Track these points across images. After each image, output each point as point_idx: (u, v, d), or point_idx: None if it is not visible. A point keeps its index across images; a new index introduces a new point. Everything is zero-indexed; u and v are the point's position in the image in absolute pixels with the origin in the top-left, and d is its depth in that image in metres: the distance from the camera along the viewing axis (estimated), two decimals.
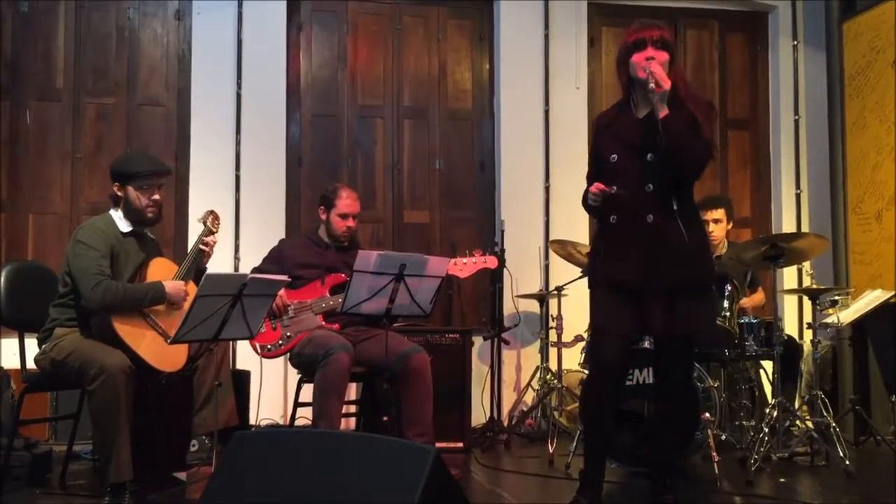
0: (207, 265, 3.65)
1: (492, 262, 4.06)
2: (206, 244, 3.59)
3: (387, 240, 5.53)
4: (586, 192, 3.08)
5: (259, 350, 3.98)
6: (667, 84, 2.91)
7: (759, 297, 4.81)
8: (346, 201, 4.14)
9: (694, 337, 3.14)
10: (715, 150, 3.07)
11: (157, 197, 3.51)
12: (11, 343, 3.78)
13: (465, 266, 3.99)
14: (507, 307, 5.29)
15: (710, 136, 3.00)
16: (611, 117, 3.17)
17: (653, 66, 2.93)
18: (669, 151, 2.93)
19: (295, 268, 4.06)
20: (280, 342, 3.97)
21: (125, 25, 5.34)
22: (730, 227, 4.79)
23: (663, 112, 2.93)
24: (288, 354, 4.05)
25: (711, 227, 4.68)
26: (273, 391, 4.98)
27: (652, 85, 2.91)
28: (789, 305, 5.70)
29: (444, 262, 3.65)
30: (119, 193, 3.51)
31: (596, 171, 3.15)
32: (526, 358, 5.48)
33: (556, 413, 4.90)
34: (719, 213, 4.71)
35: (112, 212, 3.54)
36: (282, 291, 3.91)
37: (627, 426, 3.72)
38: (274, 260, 4.18)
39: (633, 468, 3.80)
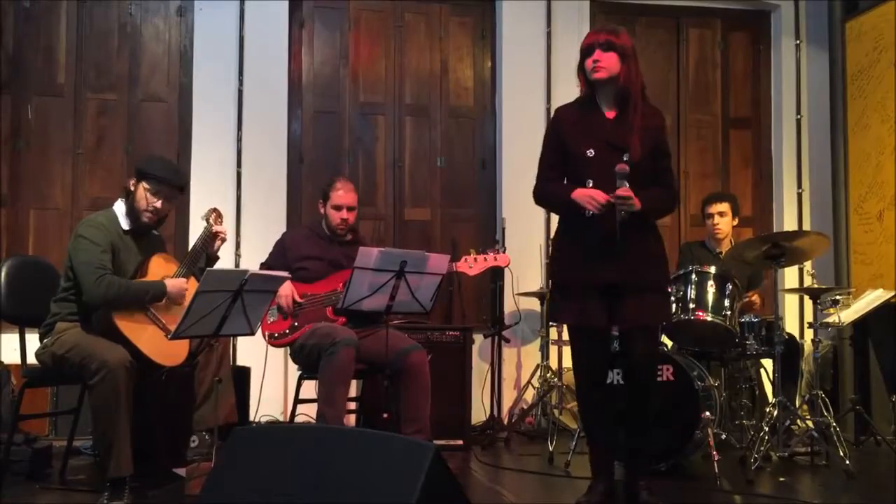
0: (219, 253, 3.67)
1: (503, 259, 4.05)
2: (217, 234, 3.60)
3: (388, 237, 5.53)
4: (548, 187, 3.20)
5: (267, 338, 4.00)
6: (637, 204, 3.02)
7: (754, 298, 4.79)
8: (339, 192, 4.13)
9: (660, 327, 3.37)
10: (676, 183, 3.36)
11: (157, 205, 3.48)
12: (12, 338, 3.78)
13: (476, 264, 3.99)
14: (508, 305, 5.29)
15: (670, 167, 3.24)
16: (578, 113, 3.22)
17: (620, 191, 3.00)
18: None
19: (298, 259, 4.07)
20: (287, 331, 3.99)
21: (127, 21, 5.35)
22: (735, 222, 4.78)
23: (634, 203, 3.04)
24: (289, 349, 4.05)
25: (716, 219, 4.70)
26: (273, 388, 4.98)
27: (623, 212, 3.01)
28: (790, 305, 5.70)
29: (445, 259, 3.65)
30: (131, 188, 3.51)
31: (559, 162, 3.20)
32: (526, 356, 5.48)
33: (556, 411, 4.90)
34: (724, 206, 4.71)
35: (116, 206, 3.54)
36: (290, 293, 3.92)
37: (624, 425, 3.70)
38: (278, 254, 4.18)
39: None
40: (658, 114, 3.25)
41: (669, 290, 3.42)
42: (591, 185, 3.08)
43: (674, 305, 3.99)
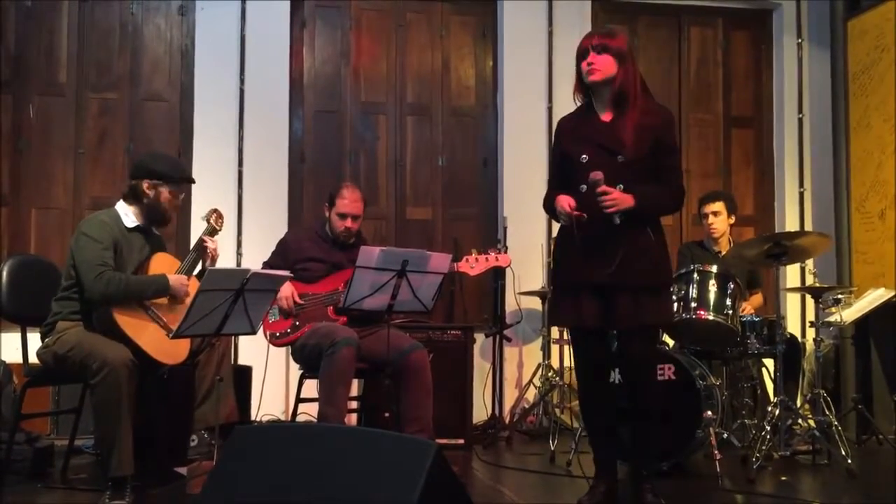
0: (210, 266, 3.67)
1: (504, 259, 4.05)
2: (210, 249, 3.59)
3: (389, 236, 5.53)
4: (549, 197, 3.19)
5: (268, 337, 4.00)
6: (630, 202, 3.01)
7: (757, 299, 4.79)
8: (345, 201, 4.11)
9: (657, 327, 3.31)
10: (682, 181, 3.22)
11: (178, 202, 3.60)
12: (14, 337, 3.78)
13: (478, 264, 3.98)
14: (510, 304, 5.29)
15: (675, 165, 3.19)
16: (575, 121, 3.26)
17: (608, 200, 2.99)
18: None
19: (300, 261, 4.07)
20: (288, 330, 3.98)
21: (128, 20, 5.35)
22: (731, 221, 4.75)
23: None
24: (290, 349, 4.05)
25: (711, 219, 4.68)
26: (275, 387, 4.98)
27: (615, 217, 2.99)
28: (792, 304, 5.70)
29: (446, 258, 3.65)
30: (148, 191, 3.50)
31: (563, 172, 3.22)
32: (528, 355, 5.47)
33: (557, 410, 4.90)
34: (718, 206, 4.69)
35: (119, 206, 3.53)
36: (291, 293, 3.92)
37: (626, 424, 3.70)
38: (280, 254, 4.18)
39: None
40: (661, 110, 3.21)
41: (671, 287, 3.39)
42: (584, 189, 3.07)
43: (675, 304, 3.98)
